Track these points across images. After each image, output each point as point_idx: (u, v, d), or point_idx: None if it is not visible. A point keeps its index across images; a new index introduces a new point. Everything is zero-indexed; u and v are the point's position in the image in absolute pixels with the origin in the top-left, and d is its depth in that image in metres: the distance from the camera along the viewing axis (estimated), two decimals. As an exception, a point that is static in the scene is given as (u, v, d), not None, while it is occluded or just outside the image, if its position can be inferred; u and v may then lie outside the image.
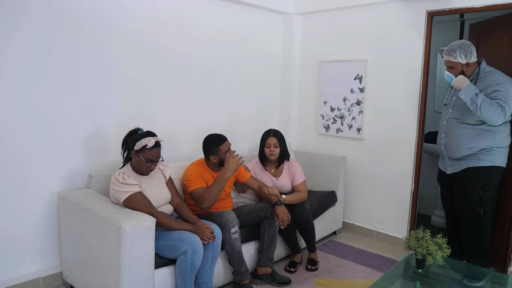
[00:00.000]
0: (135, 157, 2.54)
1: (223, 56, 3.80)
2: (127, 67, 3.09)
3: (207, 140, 2.97)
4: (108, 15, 2.93)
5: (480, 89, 2.72)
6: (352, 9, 3.93)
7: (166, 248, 2.47)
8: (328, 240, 3.93)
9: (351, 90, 3.99)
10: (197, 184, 2.87)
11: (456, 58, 2.77)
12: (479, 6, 3.17)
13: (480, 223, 2.84)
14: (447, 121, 2.96)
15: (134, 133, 2.60)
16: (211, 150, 2.92)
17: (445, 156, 3.04)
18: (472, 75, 2.82)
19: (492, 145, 2.79)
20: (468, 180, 2.86)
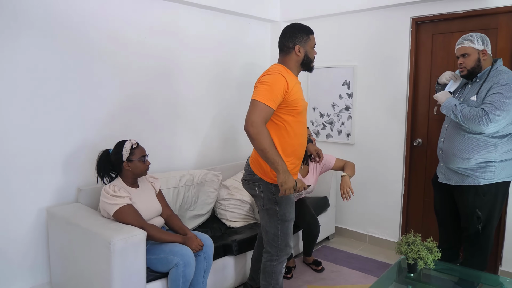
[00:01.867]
0: (129, 165, 2.54)
1: (211, 65, 3.80)
2: (115, 79, 3.08)
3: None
4: (95, 27, 2.93)
5: (486, 89, 2.51)
6: (339, 16, 3.97)
7: (157, 262, 2.45)
8: (321, 246, 3.93)
9: (339, 96, 4.02)
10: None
11: (473, 43, 2.55)
12: (462, 12, 3.22)
13: (479, 238, 2.68)
14: (449, 124, 2.74)
15: (106, 153, 2.63)
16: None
17: (441, 163, 2.84)
18: (484, 71, 2.60)
19: (491, 159, 2.54)
20: (464, 199, 2.68)
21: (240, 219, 3.44)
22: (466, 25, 3.27)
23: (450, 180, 2.73)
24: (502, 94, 2.41)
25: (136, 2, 3.16)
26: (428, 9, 3.40)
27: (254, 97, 2.17)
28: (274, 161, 2.14)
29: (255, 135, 2.11)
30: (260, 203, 2.43)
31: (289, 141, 2.31)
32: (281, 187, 2.16)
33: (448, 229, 2.93)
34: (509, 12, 3.05)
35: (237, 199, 3.45)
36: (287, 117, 2.27)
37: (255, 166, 2.41)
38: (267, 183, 2.37)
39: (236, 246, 2.94)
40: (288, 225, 2.44)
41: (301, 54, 2.34)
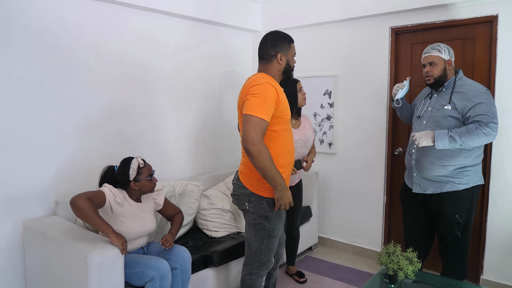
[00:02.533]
0: (136, 185, 2.50)
1: (191, 74, 3.78)
2: (93, 90, 3.03)
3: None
4: (74, 36, 2.88)
5: (459, 100, 2.58)
6: (320, 26, 4.00)
7: (133, 276, 2.39)
8: (304, 256, 3.92)
9: (321, 106, 4.04)
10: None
11: (441, 52, 2.66)
12: (440, 22, 3.27)
13: (458, 245, 2.72)
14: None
15: (111, 170, 2.57)
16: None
17: (414, 173, 2.81)
18: (449, 81, 2.69)
19: (466, 164, 2.61)
20: (442, 206, 2.69)
21: (221, 228, 3.40)
22: (444, 35, 3.32)
23: (427, 190, 2.73)
24: (486, 103, 2.50)
25: (115, 12, 3.13)
26: (407, 19, 3.44)
27: (248, 111, 2.11)
28: (273, 178, 2.13)
29: (255, 153, 2.08)
30: (249, 217, 2.37)
31: (281, 150, 2.28)
32: (277, 201, 2.16)
33: (418, 243, 2.90)
34: (486, 23, 3.10)
35: (218, 208, 3.42)
36: (277, 127, 2.24)
37: (246, 181, 2.33)
38: (259, 198, 2.30)
39: (217, 257, 2.90)
40: (274, 241, 2.40)
41: (283, 63, 2.32)
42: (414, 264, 2.21)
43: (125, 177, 2.50)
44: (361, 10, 3.62)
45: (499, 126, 3.00)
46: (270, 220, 2.32)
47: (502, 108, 3.03)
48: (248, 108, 2.11)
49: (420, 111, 2.85)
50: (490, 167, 3.13)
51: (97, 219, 2.27)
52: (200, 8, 3.67)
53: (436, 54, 2.67)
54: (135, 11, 3.27)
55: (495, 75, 3.05)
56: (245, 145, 2.09)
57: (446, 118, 2.62)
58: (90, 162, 3.03)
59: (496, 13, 3.01)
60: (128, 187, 2.53)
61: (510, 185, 3.05)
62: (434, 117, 2.70)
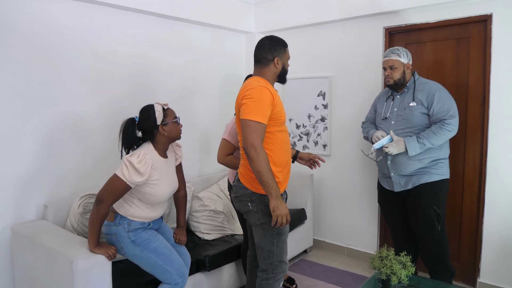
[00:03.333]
0: (164, 129, 2.29)
1: (185, 76, 3.74)
2: (83, 92, 2.99)
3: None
4: (62, 38, 2.85)
5: (423, 96, 2.76)
6: (313, 27, 3.96)
7: (160, 269, 2.30)
8: (299, 260, 3.87)
9: (315, 107, 4.00)
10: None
11: (400, 56, 2.81)
12: (433, 22, 3.24)
13: (439, 241, 2.80)
14: (393, 132, 2.84)
15: (132, 121, 2.32)
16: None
17: (391, 173, 2.89)
18: (409, 81, 2.86)
19: (440, 156, 2.77)
20: (422, 197, 2.77)
21: (214, 231, 3.35)
22: (437, 35, 3.29)
23: (407, 185, 2.84)
24: (446, 99, 2.72)
25: (106, 14, 3.08)
26: (400, 19, 3.41)
27: (246, 116, 2.14)
28: (269, 184, 2.13)
29: (254, 157, 2.11)
30: (254, 218, 2.33)
31: (278, 151, 2.28)
32: (273, 212, 2.15)
33: (406, 242, 3.03)
34: (480, 22, 3.07)
35: (210, 210, 3.38)
36: (273, 128, 2.25)
37: (246, 181, 2.33)
38: (261, 196, 2.29)
39: (208, 262, 2.86)
40: (284, 239, 2.37)
41: (279, 66, 2.36)
42: (407, 268, 2.17)
43: (151, 124, 2.28)
44: (355, 10, 3.59)
45: (495, 128, 3.02)
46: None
47: (497, 109, 3.00)
48: (245, 113, 2.15)
49: (385, 112, 2.96)
50: (486, 168, 3.08)
51: (95, 233, 2.19)
52: (192, 10, 3.63)
53: (396, 58, 2.83)
54: (127, 13, 3.23)
55: (490, 75, 3.01)
56: (246, 148, 2.14)
57: (415, 114, 2.76)
58: (80, 165, 2.99)
59: (490, 12, 2.97)
60: (156, 135, 2.31)
61: (506, 186, 3.01)
62: (402, 115, 2.83)
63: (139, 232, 2.30)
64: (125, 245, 2.27)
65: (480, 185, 3.16)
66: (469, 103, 3.17)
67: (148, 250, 2.29)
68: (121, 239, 2.26)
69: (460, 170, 3.26)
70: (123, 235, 2.26)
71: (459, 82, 3.22)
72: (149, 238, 2.32)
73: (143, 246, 2.28)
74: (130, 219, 2.28)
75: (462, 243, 3.30)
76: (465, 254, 3.29)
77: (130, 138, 2.32)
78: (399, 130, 2.82)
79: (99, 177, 3.08)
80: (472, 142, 3.17)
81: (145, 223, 2.33)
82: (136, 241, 2.27)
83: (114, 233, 2.27)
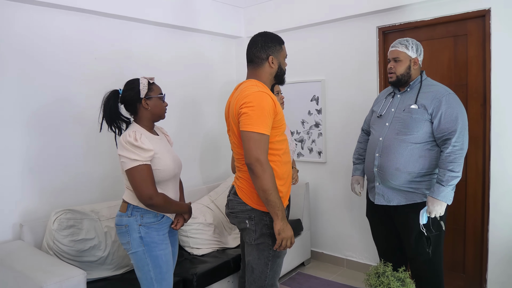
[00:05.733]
0: (147, 103, 2.10)
1: (171, 83, 3.57)
2: (63, 101, 2.83)
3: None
4: (40, 45, 2.70)
5: (427, 100, 2.37)
6: (304, 29, 3.81)
7: (145, 274, 2.07)
8: (295, 273, 3.68)
9: (308, 112, 3.83)
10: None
11: (408, 49, 2.44)
12: (429, 19, 3.08)
13: (431, 264, 2.43)
14: (384, 136, 2.48)
15: (115, 94, 2.13)
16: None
17: (376, 182, 2.53)
18: (414, 80, 2.49)
19: (432, 169, 2.39)
20: (410, 220, 2.41)
21: (204, 245, 3.17)
22: (433, 33, 3.13)
23: (392, 201, 2.47)
24: (450, 105, 2.32)
25: (84, 21, 2.94)
26: (394, 18, 3.25)
27: (248, 127, 1.93)
28: (276, 204, 1.94)
29: (260, 174, 1.91)
30: (250, 237, 2.12)
31: (280, 163, 2.08)
32: (278, 235, 1.96)
33: (394, 265, 2.48)
34: (478, 17, 2.90)
35: (199, 222, 3.19)
36: (275, 138, 2.05)
37: (246, 196, 2.11)
38: (261, 213, 2.08)
39: (196, 281, 2.67)
40: (280, 262, 2.17)
41: (274, 66, 2.14)
42: (407, 286, 1.98)
43: (134, 95, 2.08)
44: (346, 10, 3.43)
45: (498, 129, 2.84)
46: (275, 238, 2.07)
47: (500, 109, 2.83)
48: (246, 124, 1.94)
49: (381, 110, 2.60)
50: (490, 172, 2.90)
51: (175, 206, 2.16)
52: (177, 15, 3.49)
53: (403, 50, 2.45)
54: (108, 19, 3.09)
55: (490, 73, 2.84)
56: (250, 164, 1.93)
57: (414, 119, 2.38)
58: (57, 180, 2.83)
59: (489, 7, 2.81)
60: (139, 109, 2.11)
61: None
62: (399, 118, 2.45)
63: (151, 230, 2.07)
64: (132, 240, 2.04)
65: (484, 190, 2.98)
66: (469, 104, 2.99)
67: (149, 254, 2.06)
68: (131, 232, 2.05)
69: (462, 174, 3.07)
70: (134, 228, 2.05)
71: (457, 82, 3.05)
72: (158, 242, 2.08)
73: (148, 248, 2.05)
74: (143, 211, 2.06)
75: (467, 252, 3.11)
76: (471, 264, 3.10)
77: (111, 110, 2.11)
78: (392, 135, 2.44)
79: (78, 193, 2.94)
80: (474, 145, 2.99)
81: (158, 215, 2.10)
82: (144, 238, 2.05)
83: (124, 225, 2.06)
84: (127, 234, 2.06)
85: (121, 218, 2.09)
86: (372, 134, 2.63)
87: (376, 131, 2.59)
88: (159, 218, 2.11)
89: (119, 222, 2.10)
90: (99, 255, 2.62)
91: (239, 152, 2.09)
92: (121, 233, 2.08)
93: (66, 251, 2.50)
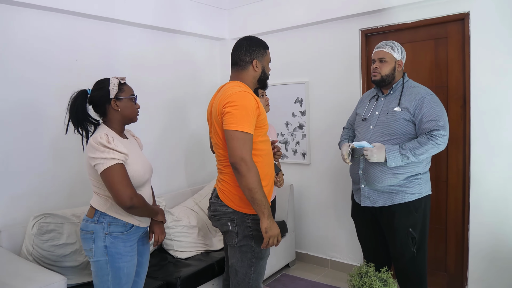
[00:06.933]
0: (118, 105, 2.00)
1: (154, 86, 3.54)
2: (41, 105, 2.78)
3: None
4: (19, 46, 2.65)
5: (410, 101, 2.41)
6: (289, 31, 3.82)
7: (102, 284, 1.99)
8: (280, 275, 3.68)
9: (292, 114, 3.84)
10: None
11: (394, 50, 2.49)
12: (410, 22, 3.12)
13: (415, 263, 2.48)
14: (368, 140, 2.50)
15: (84, 93, 2.01)
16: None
17: (361, 184, 2.56)
18: (397, 83, 2.53)
19: (417, 171, 2.42)
20: (395, 220, 2.45)
21: (188, 248, 3.14)
22: (415, 35, 3.16)
23: (377, 202, 2.51)
24: (437, 106, 2.38)
25: (65, 22, 2.89)
26: (376, 20, 3.28)
27: (232, 126, 1.93)
28: (262, 202, 1.94)
29: (245, 173, 1.91)
30: (232, 240, 2.12)
31: (263, 163, 2.09)
32: (265, 234, 1.96)
33: (377, 266, 2.51)
34: (458, 21, 2.95)
35: (183, 225, 3.17)
36: (257, 138, 2.06)
37: (228, 198, 2.11)
38: (243, 215, 2.08)
39: (180, 285, 2.65)
40: (263, 264, 2.17)
41: (258, 70, 2.17)
42: (389, 286, 2.00)
43: (103, 95, 1.98)
44: (329, 12, 3.45)
45: (477, 130, 2.88)
46: (257, 240, 2.09)
47: (479, 110, 2.88)
48: (230, 123, 1.95)
49: (366, 113, 2.64)
50: (470, 173, 2.95)
51: (151, 209, 2.09)
52: (160, 16, 3.46)
53: (389, 51, 2.50)
54: (90, 20, 3.04)
55: (469, 75, 2.89)
56: (235, 163, 1.92)
57: (397, 121, 2.43)
58: (38, 184, 2.78)
59: (468, 10, 2.86)
60: (108, 111, 2.02)
61: (491, 191, 2.87)
62: (383, 121, 2.49)
63: (118, 240, 1.97)
64: (96, 247, 1.95)
65: (464, 190, 3.02)
66: (450, 105, 3.04)
67: (112, 265, 1.96)
68: (95, 240, 1.95)
69: (443, 175, 3.13)
70: (100, 236, 1.95)
71: (438, 83, 3.10)
72: (122, 253, 1.98)
73: (111, 258, 1.96)
74: (111, 219, 1.97)
75: (449, 252, 3.16)
76: (452, 263, 3.15)
77: (78, 110, 1.98)
78: (376, 138, 2.48)
79: (59, 196, 2.88)
80: (454, 146, 3.04)
81: (127, 225, 2.00)
82: (109, 248, 1.95)
83: (90, 231, 1.96)
84: (91, 240, 1.96)
85: (87, 223, 1.99)
86: (357, 137, 2.67)
87: (360, 134, 2.62)
88: (127, 228, 2.00)
89: (84, 227, 2.00)
90: (81, 260, 2.58)
91: (222, 154, 2.09)
92: (85, 239, 1.98)
93: (46, 256, 2.45)
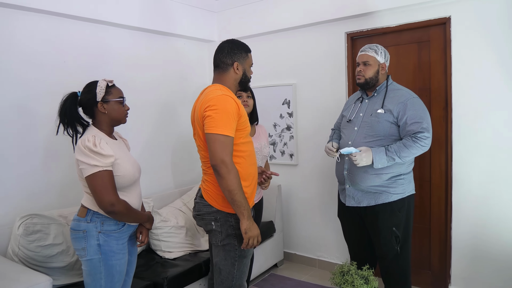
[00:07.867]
0: (104, 107, 2.04)
1: (143, 88, 3.56)
2: (28, 106, 2.80)
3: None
4: (9, 47, 2.66)
5: (393, 104, 2.46)
6: (277, 34, 3.87)
7: (95, 282, 2.02)
8: (268, 274, 3.72)
9: (280, 116, 3.88)
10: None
11: (377, 54, 2.54)
12: (395, 26, 3.18)
13: (399, 262, 2.54)
14: (353, 141, 2.57)
15: (73, 96, 2.06)
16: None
17: (346, 184, 2.61)
18: (381, 85, 2.59)
19: (400, 172, 2.47)
20: (379, 220, 2.51)
21: (176, 248, 3.17)
22: (399, 39, 3.22)
23: (361, 202, 2.57)
24: (420, 109, 2.43)
25: (54, 23, 2.91)
26: (361, 24, 3.34)
27: (213, 129, 1.98)
28: (241, 204, 1.99)
29: (225, 175, 1.96)
30: (216, 238, 2.16)
31: (245, 164, 2.14)
32: (245, 234, 2.02)
33: (363, 261, 2.63)
34: (440, 25, 3.02)
35: (171, 226, 3.20)
36: (239, 140, 2.10)
37: (211, 198, 2.16)
38: (226, 215, 2.13)
39: (167, 285, 2.68)
40: (246, 262, 2.22)
41: (239, 72, 2.21)
42: (370, 283, 2.05)
43: (91, 98, 2.02)
44: (316, 16, 3.50)
45: (458, 131, 2.94)
46: (240, 239, 2.13)
47: (460, 112, 2.95)
48: (211, 126, 1.99)
49: (350, 115, 2.70)
50: (452, 173, 3.01)
51: (135, 215, 2.11)
52: (150, 18, 3.49)
53: (372, 54, 2.56)
54: (79, 22, 3.06)
55: (451, 78, 2.96)
56: (216, 165, 1.98)
57: (380, 122, 2.48)
58: (28, 184, 2.79)
59: (449, 15, 2.92)
60: (96, 113, 2.06)
61: (472, 190, 2.94)
62: (367, 122, 2.55)
63: (111, 238, 2.02)
64: (89, 246, 1.98)
65: (447, 190, 3.09)
66: (433, 107, 3.10)
67: (105, 263, 2.00)
68: (88, 239, 1.98)
69: (427, 175, 3.19)
70: (93, 234, 1.99)
71: (421, 86, 3.16)
72: (115, 251, 2.03)
73: (105, 257, 2.00)
74: (103, 217, 2.01)
75: (432, 250, 3.22)
76: (436, 261, 3.21)
77: (68, 112, 2.03)
78: (360, 139, 2.54)
79: (48, 197, 2.90)
80: (437, 147, 3.10)
81: (119, 223, 2.05)
82: (102, 246, 1.99)
83: (82, 230, 1.99)
84: (83, 240, 1.99)
85: (79, 223, 2.02)
86: (342, 138, 2.73)
87: (345, 135, 2.68)
88: (120, 226, 2.06)
89: (76, 227, 2.03)
90: (68, 260, 2.59)
91: (205, 155, 2.13)
92: (77, 238, 2.01)
93: (33, 257, 2.46)
